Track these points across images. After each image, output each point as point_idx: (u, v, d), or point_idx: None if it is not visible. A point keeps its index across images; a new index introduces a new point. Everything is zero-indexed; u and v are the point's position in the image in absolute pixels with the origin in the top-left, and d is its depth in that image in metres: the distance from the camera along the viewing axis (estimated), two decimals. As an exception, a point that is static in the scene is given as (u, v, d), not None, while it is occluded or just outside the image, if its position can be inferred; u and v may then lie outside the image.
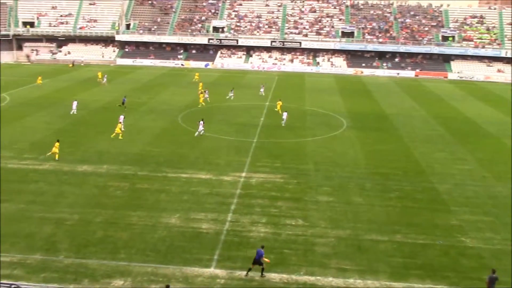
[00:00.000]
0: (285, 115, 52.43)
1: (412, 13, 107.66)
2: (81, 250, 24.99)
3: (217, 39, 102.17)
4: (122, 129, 45.31)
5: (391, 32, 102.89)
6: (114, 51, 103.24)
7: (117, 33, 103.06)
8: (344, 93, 73.01)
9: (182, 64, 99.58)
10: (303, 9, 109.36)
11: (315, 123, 53.12)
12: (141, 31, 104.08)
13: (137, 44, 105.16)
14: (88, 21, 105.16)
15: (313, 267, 24.20)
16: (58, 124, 48.78)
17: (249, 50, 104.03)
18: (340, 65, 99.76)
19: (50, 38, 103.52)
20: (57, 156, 37.85)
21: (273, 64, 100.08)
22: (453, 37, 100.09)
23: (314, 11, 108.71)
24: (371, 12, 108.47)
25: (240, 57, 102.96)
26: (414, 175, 37.74)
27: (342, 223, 29.02)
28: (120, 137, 44.46)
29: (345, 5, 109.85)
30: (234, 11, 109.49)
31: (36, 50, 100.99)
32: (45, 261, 23.80)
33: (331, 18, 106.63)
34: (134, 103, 58.80)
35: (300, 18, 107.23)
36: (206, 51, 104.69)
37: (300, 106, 61.51)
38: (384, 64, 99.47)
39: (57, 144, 38.07)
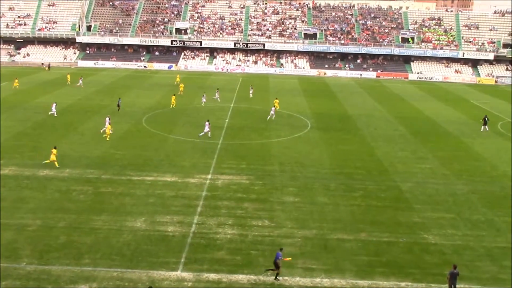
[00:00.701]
0: (273, 110, 55.20)
1: (372, 15, 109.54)
2: (43, 256, 24.40)
3: (180, 40, 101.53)
4: (102, 131, 45.49)
5: (352, 34, 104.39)
6: (75, 53, 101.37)
7: (78, 34, 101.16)
8: (307, 94, 73.64)
9: (145, 66, 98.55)
10: (266, 11, 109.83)
11: (280, 124, 53.36)
12: (102, 33, 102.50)
13: (99, 45, 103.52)
14: (47, 23, 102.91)
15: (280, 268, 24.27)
16: (17, 128, 47.52)
17: (212, 51, 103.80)
18: (303, 66, 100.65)
19: (7, 40, 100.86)
20: (56, 163, 36.77)
21: (237, 65, 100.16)
22: (413, 38, 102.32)
23: (277, 13, 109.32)
24: (333, 14, 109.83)
25: (204, 59, 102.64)
26: (377, 174, 38.35)
27: (308, 223, 29.24)
28: (107, 139, 44.26)
29: (307, 7, 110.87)
30: (197, 12, 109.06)
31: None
32: (6, 269, 23.12)
33: (294, 20, 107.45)
34: (96, 106, 57.87)
35: (263, 20, 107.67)
36: (169, 53, 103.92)
37: (264, 107, 61.64)
38: (347, 65, 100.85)
39: (54, 151, 37.00)
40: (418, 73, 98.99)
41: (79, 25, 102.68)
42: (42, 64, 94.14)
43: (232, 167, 38.48)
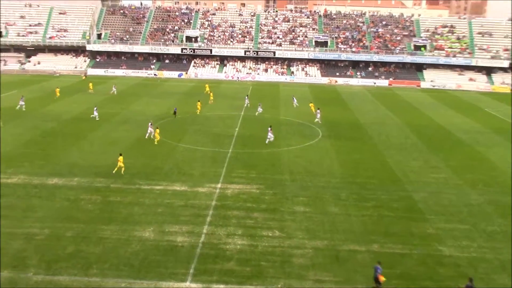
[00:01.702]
0: (318, 112, 58.56)
1: (384, 22, 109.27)
2: (51, 266, 24.32)
3: (190, 48, 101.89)
4: (147, 137, 47.76)
5: (364, 42, 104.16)
6: (85, 61, 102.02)
7: (88, 42, 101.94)
8: (318, 102, 73.24)
9: (155, 74, 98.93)
10: (276, 19, 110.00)
11: (290, 132, 53.15)
12: (112, 41, 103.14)
13: (109, 54, 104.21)
14: (58, 31, 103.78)
15: (290, 279, 24.00)
16: (27, 136, 47.74)
17: (222, 59, 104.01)
18: (314, 74, 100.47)
19: (18, 48, 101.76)
20: (122, 170, 37.37)
21: (247, 73, 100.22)
22: (425, 46, 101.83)
23: (288, 21, 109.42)
24: (344, 21, 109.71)
25: (214, 67, 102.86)
26: (389, 184, 37.97)
27: (319, 234, 28.94)
28: (155, 142, 46.00)
29: (318, 15, 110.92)
30: (207, 20, 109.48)
31: (4, 60, 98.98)
32: (14, 278, 23.07)
33: (305, 28, 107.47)
34: (106, 114, 57.97)
35: (274, 28, 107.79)
36: (179, 61, 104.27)
37: (275, 115, 61.52)
38: (358, 73, 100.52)
39: (120, 158, 37.51)
40: (431, 81, 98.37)
41: (89, 33, 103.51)
42: (55, 72, 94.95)
43: (242, 176, 38.30)
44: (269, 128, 48.40)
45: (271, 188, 36.04)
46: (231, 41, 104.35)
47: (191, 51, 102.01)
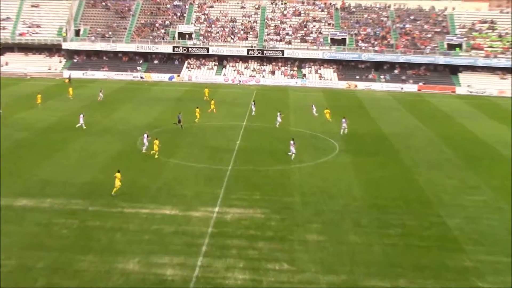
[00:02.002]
0: (343, 122, 59.11)
1: (412, 17, 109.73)
2: (18, 303, 24.36)
3: (183, 47, 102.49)
4: (144, 150, 48.24)
5: (388, 39, 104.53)
6: (60, 62, 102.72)
7: (65, 40, 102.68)
8: (335, 110, 73.37)
9: (141, 77, 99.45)
10: (285, 12, 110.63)
11: (302, 146, 53.10)
12: (93, 38, 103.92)
13: (88, 53, 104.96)
14: (29, 26, 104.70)
15: (301, 321, 23.94)
16: (-9, 149, 48.01)
17: (221, 60, 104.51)
18: (330, 78, 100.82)
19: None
20: (114, 189, 37.63)
21: (250, 76, 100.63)
22: (460, 45, 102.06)
23: (299, 15, 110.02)
24: (365, 16, 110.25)
25: (211, 68, 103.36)
26: (419, 207, 37.91)
27: (335, 267, 28.86)
28: (156, 156, 46.58)
29: (335, 8, 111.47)
30: (203, 14, 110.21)
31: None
32: (-27, 319, 23.10)
33: (319, 23, 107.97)
34: (85, 123, 58.13)
35: (282, 23, 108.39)
36: (170, 61, 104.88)
37: (283, 126, 61.62)
38: (382, 77, 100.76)
39: (118, 175, 37.80)
40: (467, 86, 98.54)
41: (66, 30, 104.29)
42: (25, 74, 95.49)
43: (244, 198, 38.33)
44: (292, 142, 48.54)
45: (278, 212, 36.00)
46: (231, 38, 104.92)
47: (185, 50, 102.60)
